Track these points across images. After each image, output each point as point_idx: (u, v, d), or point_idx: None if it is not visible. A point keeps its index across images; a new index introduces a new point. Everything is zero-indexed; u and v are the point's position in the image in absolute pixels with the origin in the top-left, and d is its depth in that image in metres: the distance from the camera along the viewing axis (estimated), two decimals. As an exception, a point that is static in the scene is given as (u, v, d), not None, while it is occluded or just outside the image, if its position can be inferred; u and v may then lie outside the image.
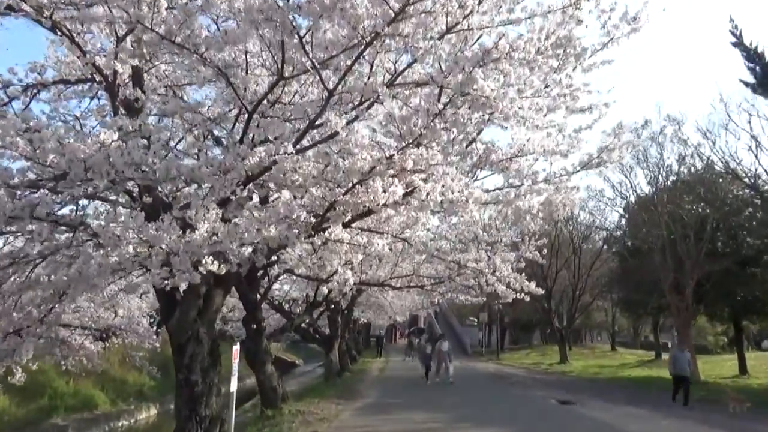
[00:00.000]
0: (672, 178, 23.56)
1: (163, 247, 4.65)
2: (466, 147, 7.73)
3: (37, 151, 4.86)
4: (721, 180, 22.83)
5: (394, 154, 4.72)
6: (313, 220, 5.54)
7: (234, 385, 7.63)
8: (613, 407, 14.95)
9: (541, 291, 10.91)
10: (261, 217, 5.23)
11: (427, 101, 4.51)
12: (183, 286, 9.15)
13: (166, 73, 8.99)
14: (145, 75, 8.29)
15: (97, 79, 7.80)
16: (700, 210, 23.60)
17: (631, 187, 23.27)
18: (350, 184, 4.94)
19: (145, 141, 5.46)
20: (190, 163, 6.12)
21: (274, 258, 13.41)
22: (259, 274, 13.89)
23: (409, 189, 5.07)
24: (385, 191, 4.94)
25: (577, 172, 9.30)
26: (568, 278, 34.01)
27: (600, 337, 63.65)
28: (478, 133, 8.37)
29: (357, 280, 13.01)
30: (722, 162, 20.82)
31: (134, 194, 7.66)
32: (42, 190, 5.79)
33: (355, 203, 5.09)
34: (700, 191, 22.15)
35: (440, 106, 4.65)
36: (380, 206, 4.98)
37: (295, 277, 17.39)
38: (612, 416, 13.13)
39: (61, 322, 18.85)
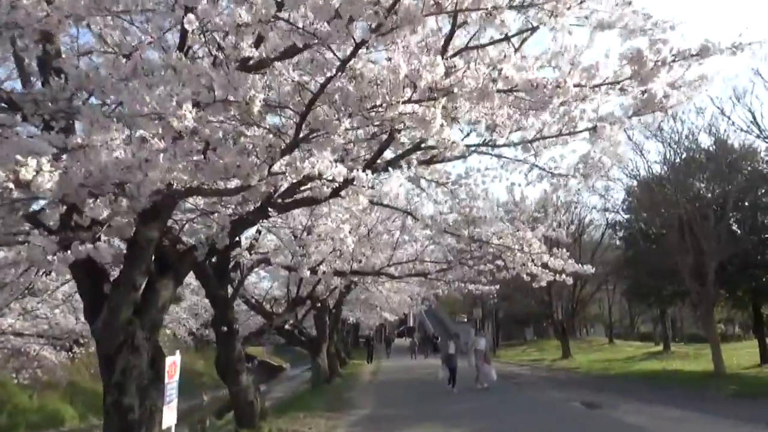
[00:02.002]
0: (682, 155, 21.63)
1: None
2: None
3: None
4: (739, 149, 21.02)
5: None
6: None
7: (170, 419, 5.27)
8: (648, 408, 12.87)
9: (592, 269, 8.72)
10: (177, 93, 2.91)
11: None
12: (114, 273, 6.91)
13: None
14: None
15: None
16: (715, 187, 21.79)
17: (646, 163, 21.21)
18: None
19: None
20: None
21: (245, 243, 11.09)
22: (230, 266, 11.57)
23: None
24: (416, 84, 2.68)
25: (635, 115, 7.10)
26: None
27: (593, 329, 61.92)
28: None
29: (348, 269, 10.77)
30: (747, 125, 19.03)
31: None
32: None
33: (357, 98, 2.83)
34: (722, 162, 20.20)
35: None
36: (403, 105, 2.74)
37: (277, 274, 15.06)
38: (655, 422, 11.04)
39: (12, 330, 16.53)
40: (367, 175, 3.51)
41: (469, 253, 9.67)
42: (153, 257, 7.07)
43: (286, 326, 19.03)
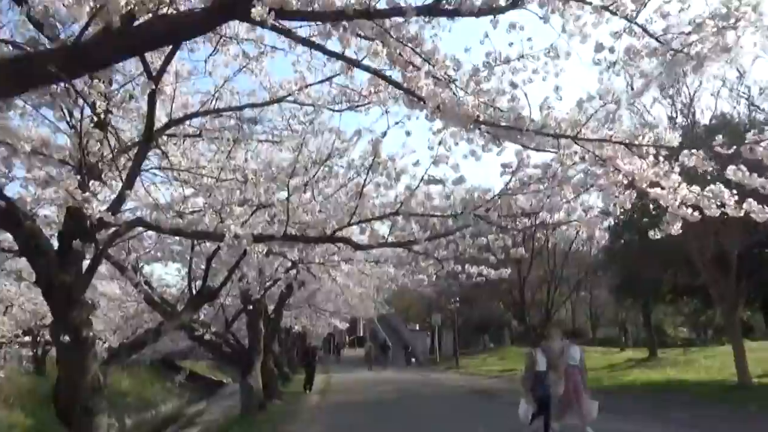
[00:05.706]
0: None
1: None
2: None
3: None
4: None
5: None
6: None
7: None
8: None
9: None
10: None
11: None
12: None
13: None
14: None
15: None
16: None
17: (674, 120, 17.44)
18: None
19: None
20: None
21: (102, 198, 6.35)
22: (76, 239, 6.78)
23: None
24: None
25: None
26: (542, 267, 28.47)
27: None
28: None
29: (280, 232, 6.27)
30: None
31: None
32: None
33: None
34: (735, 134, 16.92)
35: None
36: None
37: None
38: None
39: None
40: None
41: (505, 192, 5.35)
42: None
43: (207, 336, 14.23)
